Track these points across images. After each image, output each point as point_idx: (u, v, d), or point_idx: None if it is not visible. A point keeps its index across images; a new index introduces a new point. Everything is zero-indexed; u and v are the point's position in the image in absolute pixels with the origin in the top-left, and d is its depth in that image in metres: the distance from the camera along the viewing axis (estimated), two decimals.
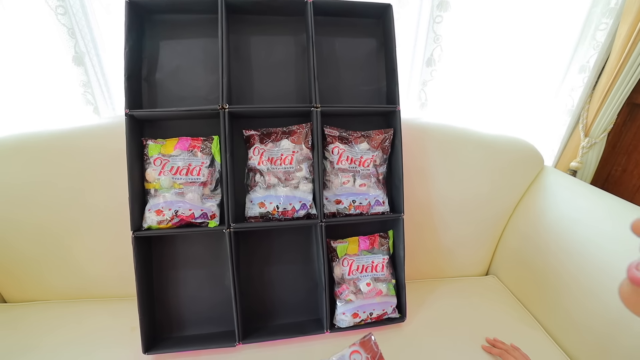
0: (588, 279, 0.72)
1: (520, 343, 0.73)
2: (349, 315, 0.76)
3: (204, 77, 0.74)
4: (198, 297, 0.78)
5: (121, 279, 0.85)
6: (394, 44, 0.75)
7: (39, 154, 0.78)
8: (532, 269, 0.88)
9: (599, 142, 0.97)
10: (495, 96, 1.02)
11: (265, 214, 0.73)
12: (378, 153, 0.78)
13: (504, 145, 0.95)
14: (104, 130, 0.80)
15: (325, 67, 0.78)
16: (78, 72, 0.81)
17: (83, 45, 0.79)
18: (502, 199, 0.98)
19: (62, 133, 0.79)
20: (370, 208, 0.78)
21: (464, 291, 0.95)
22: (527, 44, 0.95)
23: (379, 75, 0.82)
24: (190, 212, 0.69)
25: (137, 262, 0.68)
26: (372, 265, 0.79)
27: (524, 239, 0.93)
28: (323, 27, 0.76)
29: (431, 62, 0.92)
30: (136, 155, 0.69)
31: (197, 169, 0.70)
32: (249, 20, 0.75)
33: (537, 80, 1.00)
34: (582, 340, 0.72)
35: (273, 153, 0.74)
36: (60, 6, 0.73)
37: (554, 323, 0.80)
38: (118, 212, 0.79)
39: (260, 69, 0.77)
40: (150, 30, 0.73)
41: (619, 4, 0.85)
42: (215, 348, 0.72)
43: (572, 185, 0.90)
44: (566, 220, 0.83)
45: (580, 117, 0.99)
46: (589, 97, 0.97)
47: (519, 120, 1.05)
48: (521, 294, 0.92)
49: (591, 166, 1.01)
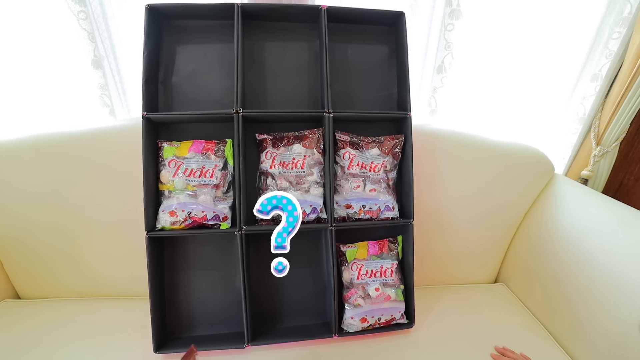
0: (599, 289, 0.71)
1: (530, 352, 0.73)
2: (357, 320, 0.76)
3: (219, 82, 0.76)
4: (208, 298, 0.79)
5: (132, 279, 0.86)
6: (406, 51, 0.76)
7: (55, 155, 0.80)
8: (541, 277, 0.87)
9: (611, 150, 0.97)
10: (506, 103, 1.02)
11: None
12: (389, 159, 0.79)
13: (515, 153, 0.95)
14: (120, 132, 0.82)
15: (337, 73, 0.79)
16: (96, 75, 0.84)
17: (102, 49, 0.81)
18: (512, 207, 0.97)
19: (78, 134, 0.81)
20: (380, 213, 0.78)
21: (473, 298, 0.95)
22: (538, 52, 0.95)
23: (391, 82, 0.83)
24: (203, 214, 0.71)
25: (150, 262, 0.70)
26: (381, 270, 0.79)
27: (533, 247, 0.92)
28: (336, 34, 0.77)
29: (442, 69, 0.93)
30: (151, 157, 0.71)
31: (210, 172, 0.71)
32: (263, 26, 0.77)
33: (548, 88, 1.00)
34: (592, 351, 0.71)
35: (285, 157, 0.75)
36: (82, 11, 0.76)
37: (564, 332, 0.79)
38: (131, 213, 0.81)
39: (273, 74, 0.78)
40: (167, 35, 0.74)
41: (632, 14, 0.85)
42: (225, 349, 0.73)
43: (583, 194, 0.89)
44: (577, 229, 0.82)
45: (592, 126, 0.99)
46: (601, 106, 0.97)
47: (530, 128, 1.05)
48: (530, 302, 0.91)
49: (603, 175, 1.00)
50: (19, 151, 0.79)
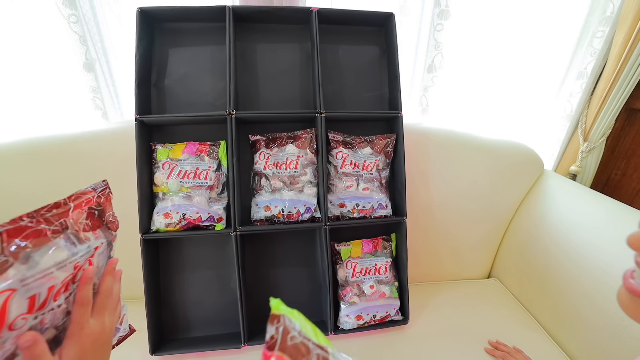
0: (589, 281, 0.73)
1: (523, 345, 0.74)
2: (352, 317, 0.77)
3: (211, 84, 0.76)
4: (204, 299, 0.79)
5: (128, 281, 0.84)
6: (396, 52, 0.77)
7: (48, 158, 0.80)
8: (533, 271, 0.89)
9: (597, 146, 0.99)
10: (495, 101, 1.04)
11: (270, 217, 0.75)
12: (381, 157, 0.80)
13: (504, 150, 0.97)
14: (113, 135, 0.82)
15: (329, 74, 0.80)
16: (88, 78, 0.83)
17: (94, 52, 0.81)
18: (503, 203, 0.99)
19: (71, 138, 0.81)
20: (374, 211, 0.79)
21: (466, 294, 0.96)
22: (526, 51, 0.97)
23: (382, 82, 0.84)
24: (197, 215, 0.71)
25: (145, 264, 0.70)
26: (375, 267, 0.80)
27: (524, 242, 0.94)
28: (327, 35, 0.78)
29: (432, 68, 0.94)
30: (145, 160, 0.71)
31: (204, 173, 0.72)
32: (255, 28, 0.78)
33: (536, 86, 1.02)
34: (584, 342, 0.73)
35: (278, 157, 0.75)
36: (72, 15, 0.76)
37: (555, 325, 0.81)
38: (125, 216, 0.79)
39: (265, 75, 0.79)
40: (159, 38, 0.75)
41: (614, 13, 0.87)
42: (221, 349, 0.73)
43: (572, 189, 0.91)
44: (566, 223, 0.84)
45: (579, 122, 1.01)
46: (587, 103, 0.99)
47: (519, 125, 1.07)
48: (522, 296, 0.93)
49: (590, 170, 1.02)
50: (12, 155, 0.79)
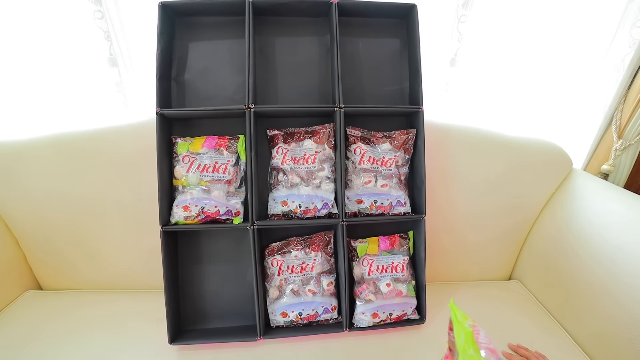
0: (620, 287, 0.69)
1: (547, 352, 0.71)
2: (368, 315, 0.76)
3: (230, 78, 0.76)
4: (221, 291, 0.80)
5: (147, 272, 0.88)
6: (418, 44, 0.75)
7: (73, 152, 0.82)
8: (559, 274, 0.85)
9: (633, 144, 0.93)
10: (521, 96, 0.99)
11: (287, 212, 0.75)
12: (400, 153, 0.78)
13: (530, 147, 0.93)
14: (134, 129, 0.83)
15: (348, 68, 0.78)
16: (112, 73, 0.85)
17: (117, 47, 0.83)
18: (528, 202, 0.95)
19: (95, 132, 0.83)
20: (392, 208, 0.78)
21: (486, 295, 0.93)
22: (556, 42, 0.92)
23: (402, 76, 0.81)
24: (215, 209, 0.72)
25: (164, 256, 0.71)
26: (392, 265, 0.78)
27: (550, 244, 0.90)
28: (347, 28, 0.76)
29: (455, 62, 0.91)
30: (165, 153, 0.72)
31: (223, 167, 0.72)
32: (274, 21, 0.77)
33: (566, 80, 0.97)
34: (612, 350, 0.69)
35: (296, 153, 0.75)
36: (97, 11, 0.78)
37: (582, 332, 0.77)
38: (145, 208, 0.83)
39: (284, 69, 0.78)
40: (180, 32, 0.75)
41: None
42: (237, 342, 0.74)
43: (603, 189, 0.86)
44: (596, 225, 0.79)
45: (613, 118, 0.95)
46: (624, 97, 0.93)
47: (547, 122, 1.02)
48: (546, 300, 0.89)
49: (625, 170, 0.96)
50: (40, 150, 0.82)
